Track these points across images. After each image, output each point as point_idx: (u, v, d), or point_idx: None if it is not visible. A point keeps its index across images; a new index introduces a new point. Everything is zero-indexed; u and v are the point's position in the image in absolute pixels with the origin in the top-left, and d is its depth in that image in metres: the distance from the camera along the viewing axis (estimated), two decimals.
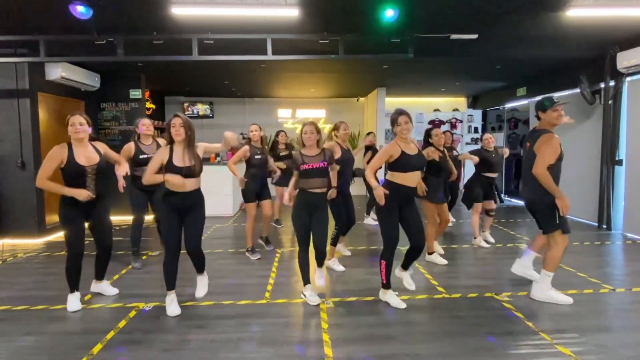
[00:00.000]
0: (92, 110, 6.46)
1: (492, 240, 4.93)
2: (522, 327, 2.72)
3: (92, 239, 3.18)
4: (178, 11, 3.74)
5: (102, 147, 3.15)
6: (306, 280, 3.18)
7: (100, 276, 3.33)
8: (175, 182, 2.79)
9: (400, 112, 2.97)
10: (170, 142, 2.87)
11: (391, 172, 3.02)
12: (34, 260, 4.36)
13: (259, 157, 4.35)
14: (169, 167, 2.80)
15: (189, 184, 2.86)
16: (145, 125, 4.00)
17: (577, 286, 3.47)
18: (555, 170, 2.99)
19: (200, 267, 3.23)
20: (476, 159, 4.59)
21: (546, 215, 3.06)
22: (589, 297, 3.25)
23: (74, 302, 3.03)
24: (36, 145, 5.15)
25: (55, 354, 2.41)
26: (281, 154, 5.77)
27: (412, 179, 3.00)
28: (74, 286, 3.06)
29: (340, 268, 3.95)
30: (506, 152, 5.04)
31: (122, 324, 2.78)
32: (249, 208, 4.35)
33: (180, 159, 2.83)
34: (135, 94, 6.69)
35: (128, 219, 6.12)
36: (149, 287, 3.49)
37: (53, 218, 5.52)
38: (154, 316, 2.91)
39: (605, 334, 2.63)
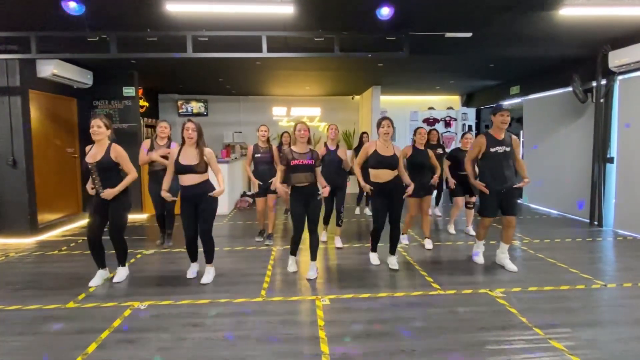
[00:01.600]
0: (84, 108, 6.39)
1: (472, 233, 5.18)
2: (516, 322, 2.75)
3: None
4: (172, 8, 3.71)
5: (117, 151, 3.34)
6: (293, 252, 3.77)
7: (119, 262, 3.63)
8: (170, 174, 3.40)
9: (384, 117, 3.63)
10: (182, 142, 3.37)
11: (369, 169, 3.67)
12: (26, 260, 4.30)
13: (258, 155, 4.69)
14: (176, 165, 3.30)
15: (186, 179, 3.32)
16: (160, 128, 4.59)
17: (569, 282, 3.52)
18: (485, 164, 3.73)
19: (207, 257, 3.57)
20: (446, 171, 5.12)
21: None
22: (581, 293, 3.29)
23: (95, 278, 3.50)
24: (28, 144, 5.07)
25: (50, 354, 2.38)
26: None
27: (383, 176, 3.58)
28: (97, 264, 3.53)
29: (323, 239, 4.86)
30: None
31: (117, 323, 2.77)
32: (257, 203, 4.86)
33: (185, 158, 3.31)
34: (129, 91, 6.61)
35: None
36: (144, 286, 3.47)
37: (45, 217, 5.47)
38: (149, 315, 2.90)
39: (597, 328, 2.67)
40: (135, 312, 2.94)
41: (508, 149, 3.64)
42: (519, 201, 7.60)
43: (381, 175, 3.60)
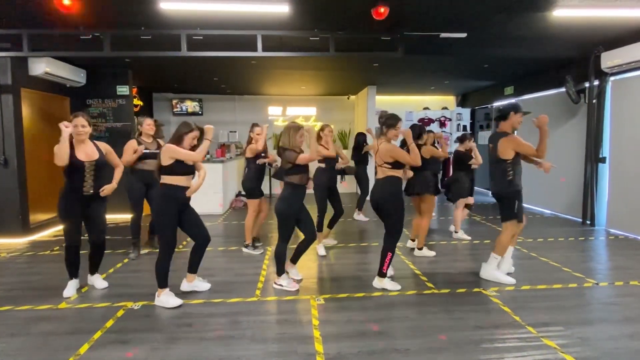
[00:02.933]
0: (77, 106, 6.30)
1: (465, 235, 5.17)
2: (509, 320, 2.77)
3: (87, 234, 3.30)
4: (166, 6, 3.68)
5: (105, 147, 3.26)
6: (282, 271, 3.37)
7: (92, 270, 3.45)
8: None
9: (397, 118, 3.32)
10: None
11: (396, 170, 3.27)
12: (18, 260, 4.25)
13: (263, 154, 4.46)
14: (183, 167, 2.96)
15: (184, 181, 3.03)
16: (149, 125, 4.21)
17: (561, 280, 3.55)
18: (518, 165, 3.45)
19: (197, 265, 3.31)
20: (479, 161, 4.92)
21: (507, 205, 3.48)
22: (573, 291, 3.32)
23: (69, 288, 3.24)
24: (19, 143, 5.01)
25: (41, 355, 2.36)
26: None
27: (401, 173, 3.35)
28: (72, 274, 3.28)
29: (322, 252, 4.36)
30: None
31: (109, 323, 2.74)
32: (252, 204, 4.38)
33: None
34: (123, 90, 6.56)
35: (118, 217, 6.04)
36: (138, 286, 3.44)
37: (37, 217, 5.40)
38: (142, 315, 2.88)
39: (589, 326, 2.70)
40: (128, 312, 2.91)
41: None
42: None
43: (400, 173, 3.37)
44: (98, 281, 3.42)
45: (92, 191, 3.12)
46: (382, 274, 3.35)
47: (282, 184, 3.46)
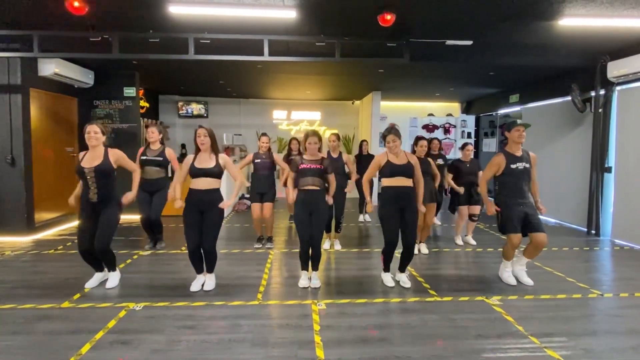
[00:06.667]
0: (85, 107, 6.40)
1: (473, 242, 5.13)
2: (512, 330, 2.75)
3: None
4: (175, 10, 3.73)
5: (115, 154, 3.35)
6: (303, 267, 3.57)
7: (109, 269, 3.51)
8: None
9: (389, 131, 3.45)
10: (197, 150, 3.30)
11: (382, 179, 3.49)
12: (22, 259, 4.28)
13: (258, 160, 4.68)
14: (191, 168, 3.24)
15: (199, 183, 3.24)
16: (148, 133, 4.51)
17: (566, 291, 3.51)
18: (505, 181, 3.54)
19: (209, 267, 3.45)
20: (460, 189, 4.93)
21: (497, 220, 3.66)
22: (577, 302, 3.29)
23: (92, 280, 3.45)
24: (27, 142, 5.07)
25: (43, 354, 2.37)
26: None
27: (399, 183, 3.41)
28: (95, 268, 3.46)
29: (325, 246, 4.78)
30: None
31: (111, 323, 2.75)
32: (253, 208, 4.74)
33: (200, 162, 3.27)
34: (130, 92, 6.62)
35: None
36: (140, 287, 3.46)
37: (42, 216, 5.45)
38: (144, 316, 2.88)
39: (593, 338, 2.67)
40: (130, 313, 2.92)
41: (527, 165, 3.50)
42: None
43: (395, 182, 3.43)
44: (111, 279, 3.47)
45: (95, 198, 3.21)
46: (383, 269, 3.68)
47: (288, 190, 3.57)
